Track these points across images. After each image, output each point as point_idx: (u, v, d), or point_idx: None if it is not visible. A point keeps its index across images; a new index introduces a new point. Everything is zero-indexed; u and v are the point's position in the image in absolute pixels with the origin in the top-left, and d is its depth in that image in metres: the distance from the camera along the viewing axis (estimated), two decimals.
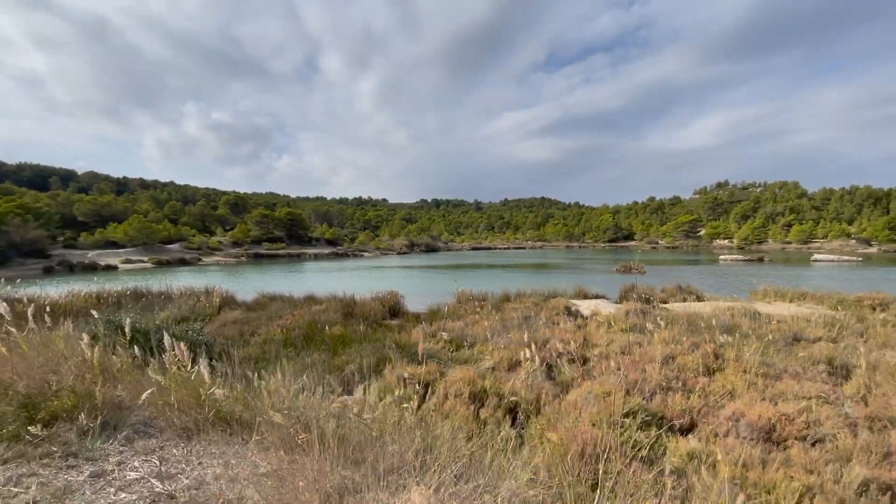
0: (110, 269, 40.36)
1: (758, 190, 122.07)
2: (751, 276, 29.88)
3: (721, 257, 46.53)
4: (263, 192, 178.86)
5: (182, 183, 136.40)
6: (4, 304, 3.38)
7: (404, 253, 74.08)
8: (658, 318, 9.73)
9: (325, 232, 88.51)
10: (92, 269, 38.99)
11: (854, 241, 68.69)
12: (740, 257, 44.16)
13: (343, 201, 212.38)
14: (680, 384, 5.73)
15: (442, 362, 7.04)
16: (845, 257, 41.70)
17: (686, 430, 4.71)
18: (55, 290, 14.91)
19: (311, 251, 68.41)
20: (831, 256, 42.47)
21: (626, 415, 4.56)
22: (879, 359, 6.26)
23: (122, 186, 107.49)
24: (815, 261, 41.51)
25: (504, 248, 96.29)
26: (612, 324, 9.77)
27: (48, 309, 11.24)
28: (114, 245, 51.89)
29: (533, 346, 4.94)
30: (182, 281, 23.76)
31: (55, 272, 35.73)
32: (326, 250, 70.25)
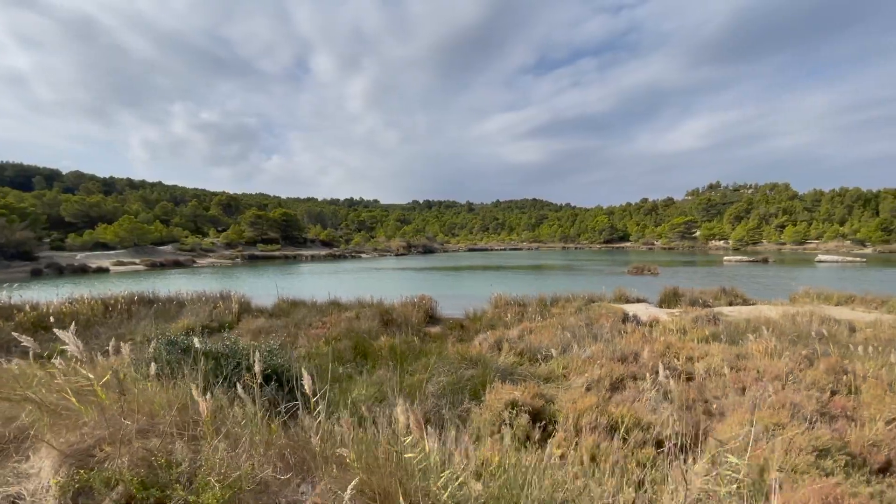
0: (101, 271, 38.69)
1: (749, 191, 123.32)
2: (766, 277, 29.53)
3: (725, 258, 46.35)
4: (253, 192, 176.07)
5: (170, 183, 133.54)
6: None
7: (402, 254, 72.99)
8: (738, 327, 8.99)
9: (319, 233, 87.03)
10: (82, 271, 37.31)
11: (849, 241, 69.41)
12: (744, 258, 44.01)
13: (335, 202, 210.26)
14: (828, 408, 4.95)
15: (529, 382, 6.18)
16: (848, 258, 41.79)
17: (882, 470, 3.92)
18: (50, 295, 13.72)
19: (307, 252, 66.95)
20: (835, 257, 42.51)
21: (820, 455, 3.75)
22: None
23: (108, 187, 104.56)
24: (820, 261, 41.50)
25: (501, 249, 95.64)
26: (686, 331, 9.00)
27: (52, 318, 10.15)
28: (103, 247, 49.99)
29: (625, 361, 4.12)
30: (181, 284, 22.58)
31: (44, 275, 34.03)
32: (323, 252, 68.85)
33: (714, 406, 5.20)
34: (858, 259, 42.46)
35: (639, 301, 13.98)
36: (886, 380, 5.56)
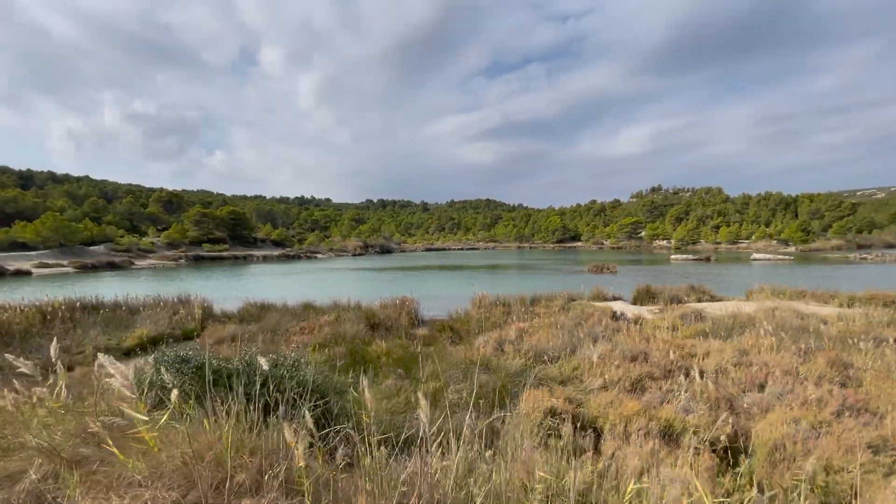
0: (21, 274, 34.57)
1: (687, 194, 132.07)
2: (713, 274, 31.50)
3: (672, 257, 49.16)
4: (194, 189, 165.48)
5: (99, 178, 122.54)
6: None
7: (359, 254, 71.34)
8: (723, 322, 9.27)
9: (270, 232, 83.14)
10: None
11: (775, 242, 76.03)
12: (690, 257, 46.93)
13: (284, 200, 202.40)
14: (848, 402, 5.09)
15: (549, 386, 5.94)
16: (778, 257, 45.74)
17: None
18: None
19: (259, 253, 63.71)
20: (767, 256, 46.39)
21: (875, 452, 3.76)
22: None
23: (26, 180, 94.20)
24: (755, 259, 45.08)
25: (458, 249, 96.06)
26: (677, 328, 9.18)
27: None
28: (23, 247, 44.76)
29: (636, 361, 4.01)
30: (126, 288, 20.49)
31: None
32: (275, 252, 65.80)
33: (741, 404, 5.20)
34: (787, 257, 46.56)
35: (615, 299, 14.28)
36: (885, 372, 5.84)
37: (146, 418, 1.62)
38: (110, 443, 1.61)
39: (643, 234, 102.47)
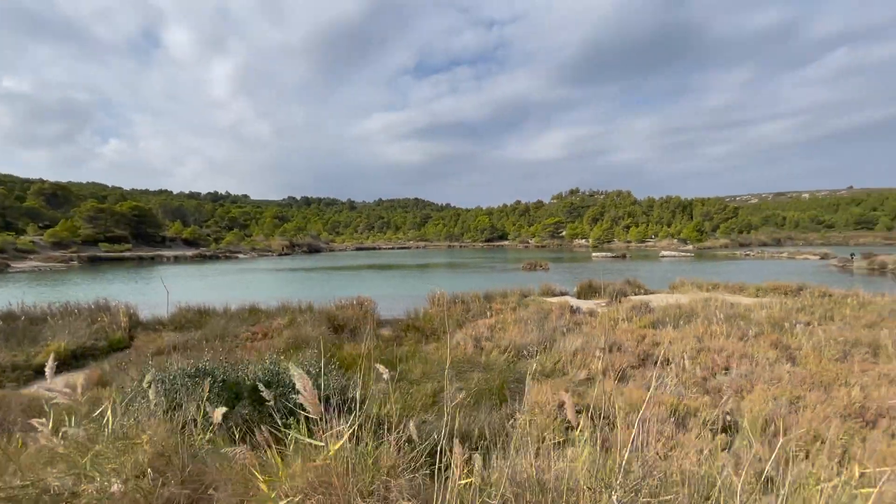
0: None
1: (601, 197, 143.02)
2: (632, 270, 34.38)
3: (593, 255, 53.00)
4: (84, 181, 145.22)
5: None
6: None
7: (285, 254, 67.55)
8: (669, 313, 10.07)
9: (181, 231, 75.63)
10: None
11: (676, 240, 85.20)
12: (608, 255, 50.93)
13: (195, 196, 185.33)
14: (803, 378, 5.78)
15: (536, 379, 6.04)
16: (682, 254, 51.40)
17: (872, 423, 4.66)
18: None
19: (169, 253, 57.69)
20: (673, 253, 51.91)
21: (844, 419, 4.29)
22: None
23: None
24: (663, 256, 50.19)
25: (389, 248, 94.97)
26: (630, 320, 9.82)
27: None
28: None
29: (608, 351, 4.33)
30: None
31: None
32: (189, 252, 60.01)
33: (711, 384, 5.69)
34: (688, 254, 52.49)
35: (562, 294, 15.00)
36: (818, 350, 6.73)
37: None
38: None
39: (564, 233, 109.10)
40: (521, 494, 2.03)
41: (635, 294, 15.12)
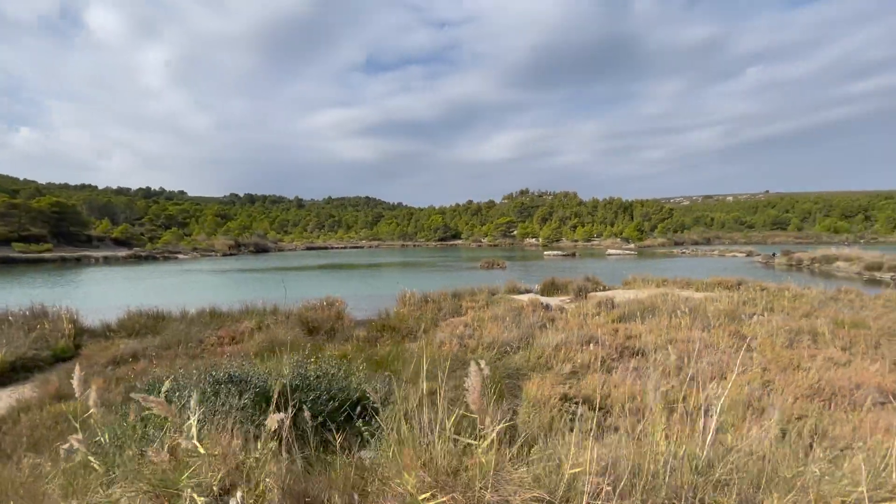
0: None
1: (549, 198, 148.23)
2: (582, 267, 35.92)
3: (545, 253, 54.89)
4: None
5: None
6: None
7: (231, 254, 64.08)
8: (632, 308, 10.65)
9: (110, 229, 69.61)
10: None
11: (619, 239, 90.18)
12: (560, 253, 52.96)
13: (125, 192, 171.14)
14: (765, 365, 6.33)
15: (526, 374, 6.19)
16: (626, 252, 54.54)
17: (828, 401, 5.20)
18: None
19: (97, 254, 52.90)
20: (618, 251, 54.95)
21: (812, 399, 4.77)
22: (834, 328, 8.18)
23: None
24: (609, 254, 52.98)
25: (342, 248, 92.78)
26: (598, 315, 10.29)
27: None
28: None
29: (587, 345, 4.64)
30: None
31: None
32: (121, 252, 55.33)
33: (686, 374, 6.10)
34: (631, 252, 55.80)
35: (527, 292, 15.41)
36: (770, 339, 7.41)
37: None
38: None
39: (516, 232, 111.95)
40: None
41: (595, 290, 15.84)
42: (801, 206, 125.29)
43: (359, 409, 3.04)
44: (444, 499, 1.58)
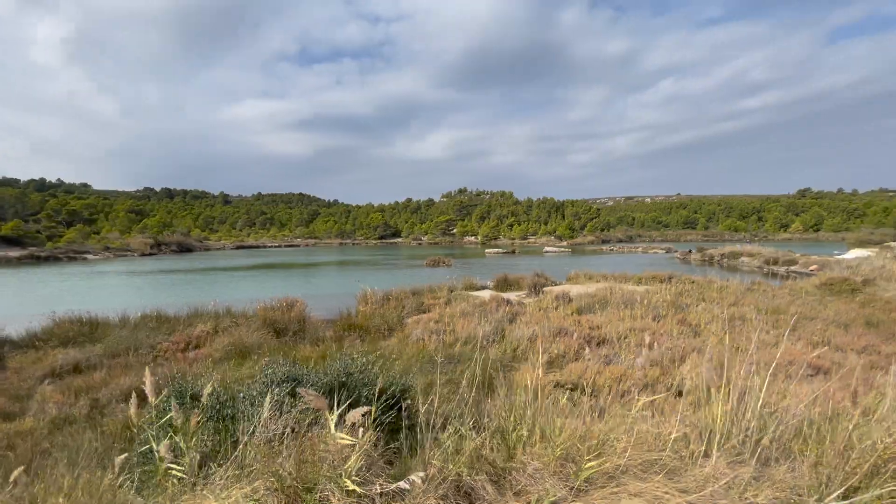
0: None
1: (487, 196, 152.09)
2: (524, 264, 37.41)
3: (487, 251, 56.42)
4: None
5: None
6: None
7: (150, 254, 58.59)
8: (586, 301, 11.40)
9: None
10: None
11: (553, 237, 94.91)
12: (500, 251, 54.73)
13: (13, 183, 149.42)
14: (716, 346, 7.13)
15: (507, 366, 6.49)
16: (561, 249, 57.68)
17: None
18: None
19: None
20: (554, 249, 57.94)
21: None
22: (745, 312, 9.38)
23: None
24: (546, 252, 55.67)
25: (276, 247, 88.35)
26: (557, 308, 10.91)
27: None
28: None
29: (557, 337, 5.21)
30: None
31: None
32: (14, 252, 48.44)
33: (650, 357, 6.74)
34: (566, 249, 59.12)
35: (483, 288, 15.86)
36: (712, 325, 8.35)
37: None
38: None
39: (455, 230, 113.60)
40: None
41: (544, 286, 16.68)
42: (707, 208, 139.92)
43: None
44: None
